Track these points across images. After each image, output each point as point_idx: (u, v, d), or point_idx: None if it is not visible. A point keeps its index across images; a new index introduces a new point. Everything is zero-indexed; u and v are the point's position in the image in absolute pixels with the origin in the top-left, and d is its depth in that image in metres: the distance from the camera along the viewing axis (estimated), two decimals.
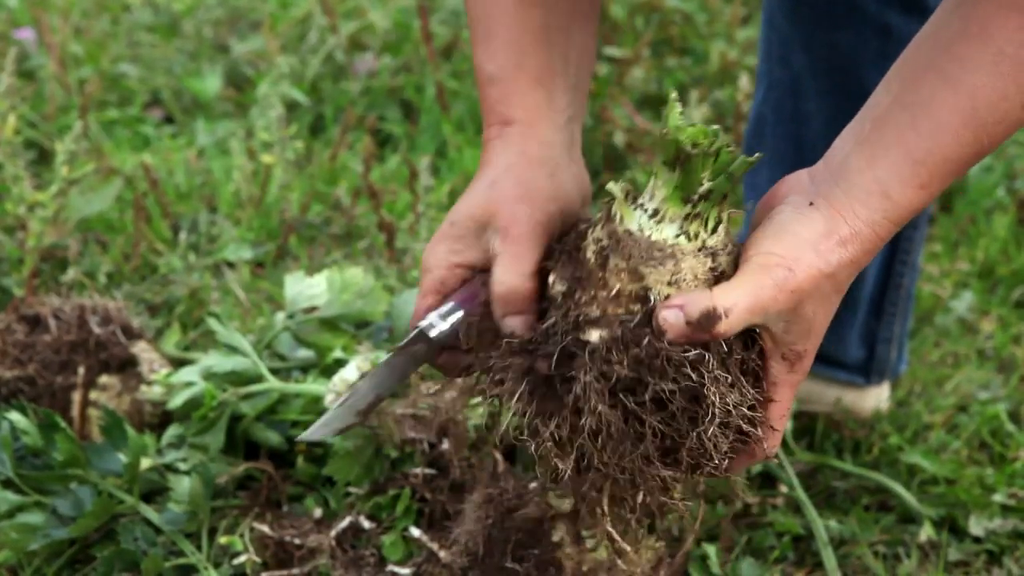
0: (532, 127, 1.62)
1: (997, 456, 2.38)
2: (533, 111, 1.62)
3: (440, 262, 1.58)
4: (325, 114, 3.69)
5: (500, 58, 1.63)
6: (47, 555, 1.99)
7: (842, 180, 1.43)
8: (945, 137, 1.38)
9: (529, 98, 1.62)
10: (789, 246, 1.42)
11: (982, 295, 2.97)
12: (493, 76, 1.63)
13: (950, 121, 1.38)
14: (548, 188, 1.58)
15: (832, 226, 1.42)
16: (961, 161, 1.40)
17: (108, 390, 2.21)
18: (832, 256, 1.41)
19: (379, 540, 1.96)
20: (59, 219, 2.79)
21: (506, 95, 1.62)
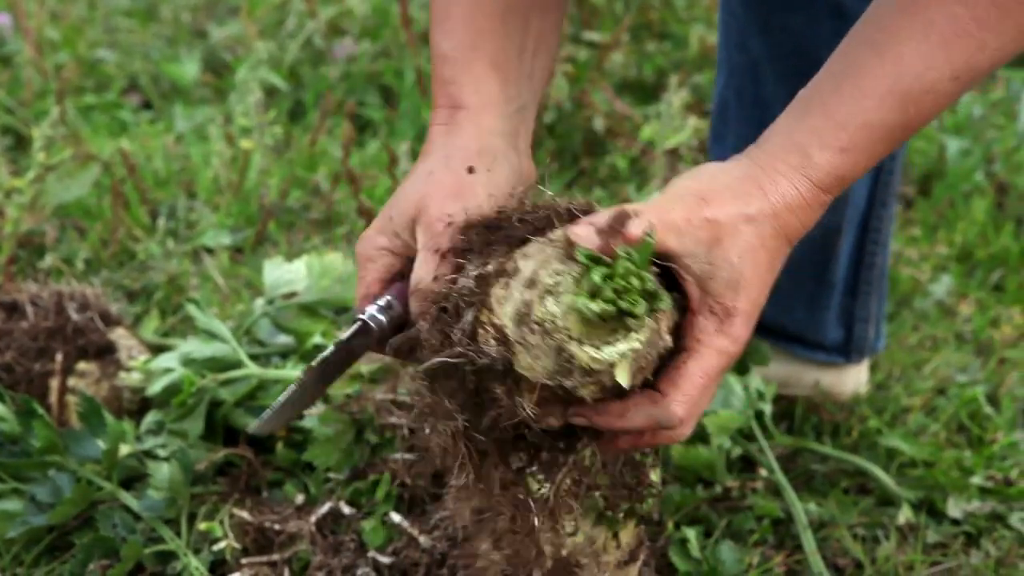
0: (479, 114, 1.61)
1: (975, 439, 2.39)
2: (483, 96, 1.62)
3: (381, 253, 1.58)
4: (304, 99, 3.68)
5: (456, 38, 1.62)
6: (25, 542, 1.98)
7: (763, 142, 1.45)
8: (868, 102, 1.39)
9: (481, 83, 1.62)
10: (704, 182, 1.43)
11: (960, 278, 2.98)
12: (447, 55, 1.62)
13: (874, 87, 1.39)
14: (482, 183, 1.56)
15: (750, 172, 1.43)
16: (886, 128, 1.40)
17: (86, 377, 2.20)
18: (751, 199, 1.41)
19: (359, 526, 1.96)
20: (36, 205, 2.78)
21: (458, 76, 1.62)
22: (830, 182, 1.42)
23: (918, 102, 1.39)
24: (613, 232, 1.37)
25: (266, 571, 1.92)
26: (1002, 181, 3.33)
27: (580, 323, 1.36)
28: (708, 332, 1.42)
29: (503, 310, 1.38)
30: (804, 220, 1.43)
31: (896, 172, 2.28)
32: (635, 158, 3.34)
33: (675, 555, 1.97)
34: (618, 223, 1.37)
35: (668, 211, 1.39)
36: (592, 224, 1.38)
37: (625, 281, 1.34)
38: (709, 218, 1.39)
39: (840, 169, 1.41)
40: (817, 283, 2.32)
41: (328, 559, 1.90)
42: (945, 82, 1.38)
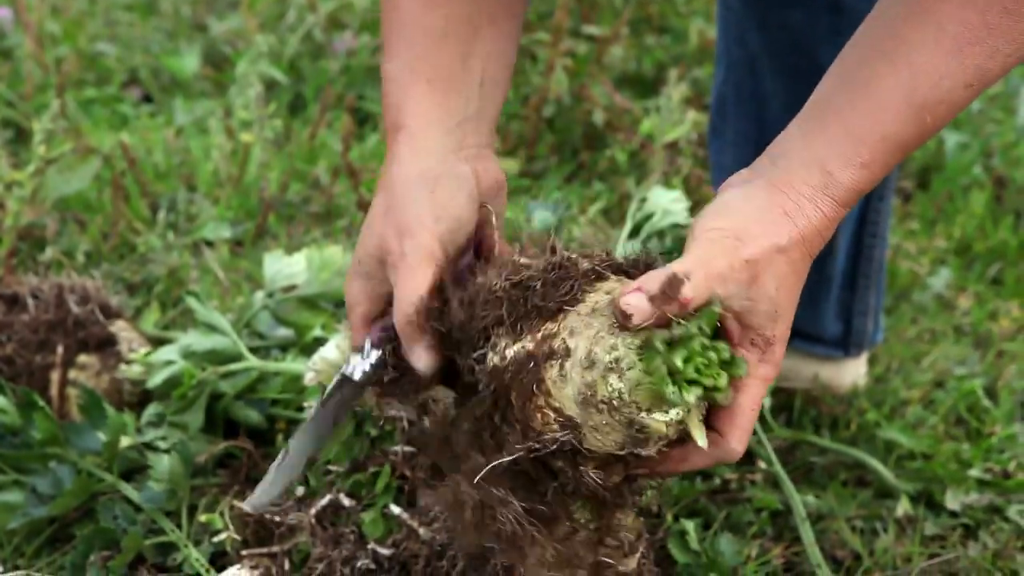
0: (416, 136, 1.61)
1: (973, 431, 2.40)
2: (421, 117, 1.61)
3: (360, 298, 1.61)
4: (304, 93, 3.68)
5: (397, 59, 1.63)
6: (26, 533, 1.99)
7: (781, 159, 1.44)
8: (885, 115, 1.39)
9: (419, 102, 1.61)
10: (734, 220, 1.41)
11: (959, 272, 2.98)
12: (389, 76, 1.63)
13: (890, 99, 1.38)
14: (428, 211, 1.57)
15: (774, 199, 1.42)
16: (903, 140, 1.40)
17: (87, 369, 2.21)
18: (780, 228, 1.40)
19: (359, 517, 1.96)
20: (37, 198, 2.78)
21: (399, 98, 1.62)
22: (850, 198, 1.42)
23: (933, 111, 1.38)
24: (667, 299, 1.35)
25: (266, 563, 1.92)
26: (1000, 175, 3.33)
27: (649, 396, 1.35)
28: (752, 365, 1.42)
29: (563, 393, 1.38)
30: (827, 235, 1.43)
31: None
32: (634, 152, 3.35)
33: (674, 547, 1.97)
34: (671, 290, 1.35)
35: (711, 262, 1.38)
36: (642, 291, 1.36)
37: (704, 357, 1.35)
38: (748, 260, 1.39)
39: (860, 184, 1.41)
40: (815, 277, 2.32)
41: (328, 551, 1.90)
42: (959, 90, 1.37)
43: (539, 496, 1.48)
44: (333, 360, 1.91)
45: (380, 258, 1.57)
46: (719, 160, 2.33)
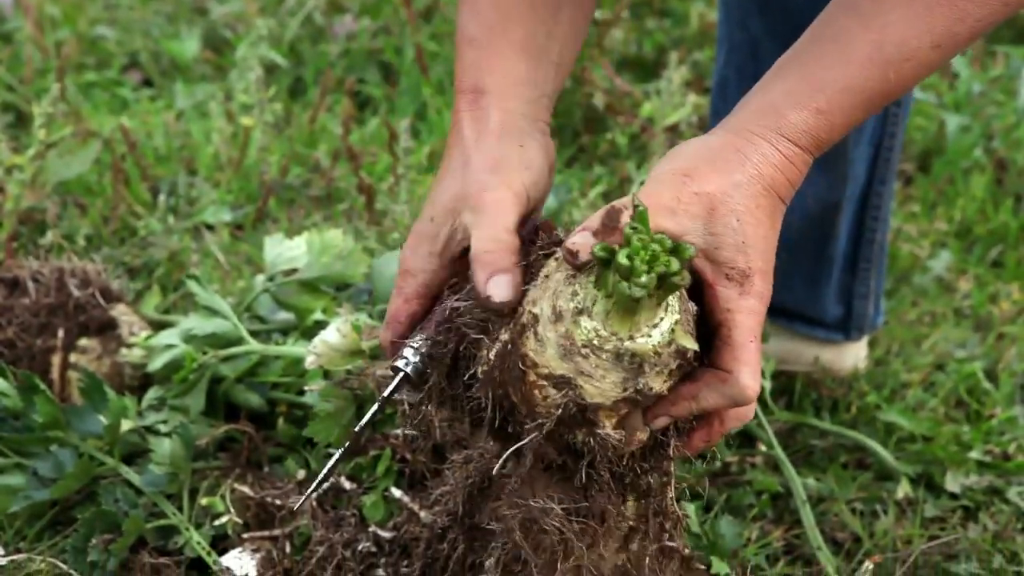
0: (503, 99, 1.58)
1: (973, 414, 2.40)
2: (508, 81, 1.59)
3: (423, 264, 1.52)
4: (304, 76, 3.68)
5: (483, 20, 1.60)
6: (28, 516, 1.99)
7: (739, 110, 1.45)
8: (848, 67, 1.40)
9: (507, 67, 1.59)
10: (684, 161, 1.42)
11: (959, 254, 2.98)
12: (475, 37, 1.60)
13: (855, 52, 1.39)
14: (518, 158, 1.54)
15: (726, 140, 1.42)
16: (865, 94, 1.40)
17: (88, 353, 2.21)
18: (731, 164, 1.40)
19: (360, 501, 1.97)
20: (37, 182, 2.78)
21: (484, 59, 1.59)
22: (807, 141, 1.41)
23: (899, 69, 1.39)
24: (608, 230, 1.36)
25: (267, 546, 1.93)
26: (1001, 157, 3.33)
27: (622, 320, 1.35)
28: (734, 299, 1.41)
29: (546, 356, 1.37)
30: (791, 177, 1.42)
31: (896, 149, 2.28)
32: (635, 135, 3.34)
33: None
34: (611, 220, 1.36)
35: (655, 195, 1.38)
36: (586, 229, 1.37)
37: (648, 251, 1.33)
38: (697, 192, 1.38)
39: (816, 130, 1.41)
40: (816, 260, 2.33)
41: (329, 534, 1.91)
42: (926, 50, 1.38)
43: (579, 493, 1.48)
44: (334, 343, 1.92)
45: (456, 207, 1.50)
46: None
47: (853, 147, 2.21)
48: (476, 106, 1.58)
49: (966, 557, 2.03)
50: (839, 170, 2.22)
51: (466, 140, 1.56)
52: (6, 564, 1.92)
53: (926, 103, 3.50)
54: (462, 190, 1.51)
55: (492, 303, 1.42)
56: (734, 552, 1.97)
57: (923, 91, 3.52)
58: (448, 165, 1.56)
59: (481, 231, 1.47)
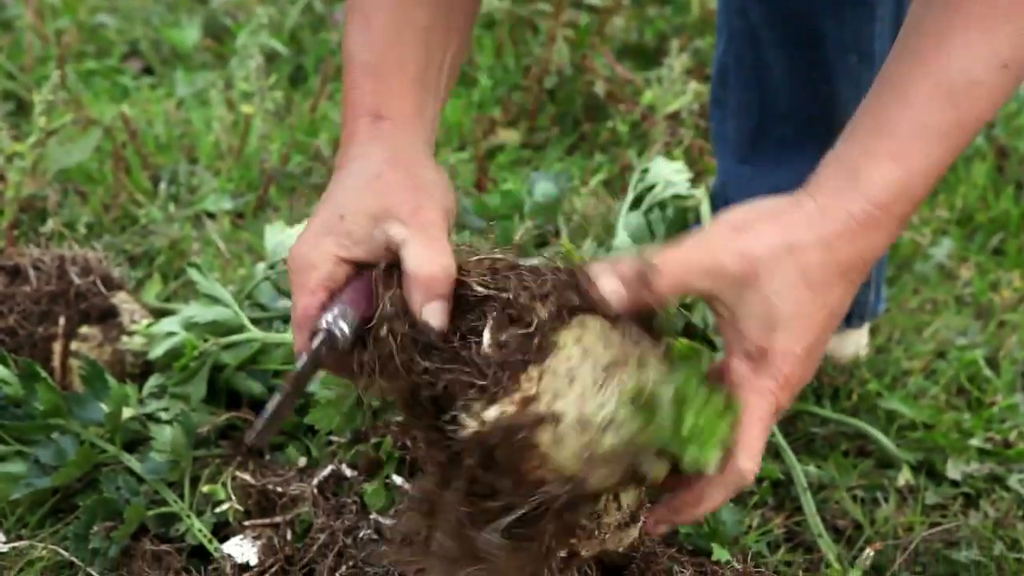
0: (406, 126, 1.54)
1: (974, 401, 2.40)
2: (408, 111, 1.54)
3: (327, 257, 1.46)
4: (305, 64, 3.67)
5: (379, 49, 1.55)
6: (29, 504, 1.99)
7: (815, 174, 1.38)
8: (915, 103, 1.33)
9: (407, 99, 1.54)
10: (743, 213, 1.36)
11: (961, 242, 2.98)
12: (370, 66, 1.55)
13: (919, 88, 1.33)
14: (437, 184, 1.50)
15: (796, 199, 1.35)
16: (939, 129, 1.33)
17: (89, 340, 2.21)
18: (793, 225, 1.33)
19: (361, 488, 1.97)
20: (38, 170, 2.78)
21: (383, 90, 1.54)
22: (886, 197, 1.33)
23: (969, 95, 1.32)
24: (638, 286, 1.32)
25: (269, 533, 1.93)
26: (1003, 145, 3.32)
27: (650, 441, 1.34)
28: (743, 375, 1.36)
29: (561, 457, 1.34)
30: (861, 248, 1.34)
31: None
32: (636, 122, 3.34)
33: None
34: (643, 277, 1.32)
35: (694, 254, 1.33)
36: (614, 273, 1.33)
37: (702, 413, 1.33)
38: (743, 251, 1.32)
39: (895, 181, 1.33)
40: None
41: (330, 521, 1.91)
42: (994, 72, 1.32)
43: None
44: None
45: (378, 215, 1.45)
46: (721, 130, 2.32)
47: None
48: (377, 129, 1.53)
49: (967, 544, 2.03)
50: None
51: (373, 157, 1.50)
52: (7, 551, 1.92)
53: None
54: (385, 201, 1.45)
55: (427, 328, 1.39)
56: (735, 539, 1.97)
57: None
58: (349, 175, 1.51)
59: (421, 251, 1.41)
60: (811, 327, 1.35)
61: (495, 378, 1.35)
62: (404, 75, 1.55)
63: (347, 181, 1.50)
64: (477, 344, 1.37)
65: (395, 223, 1.44)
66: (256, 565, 1.88)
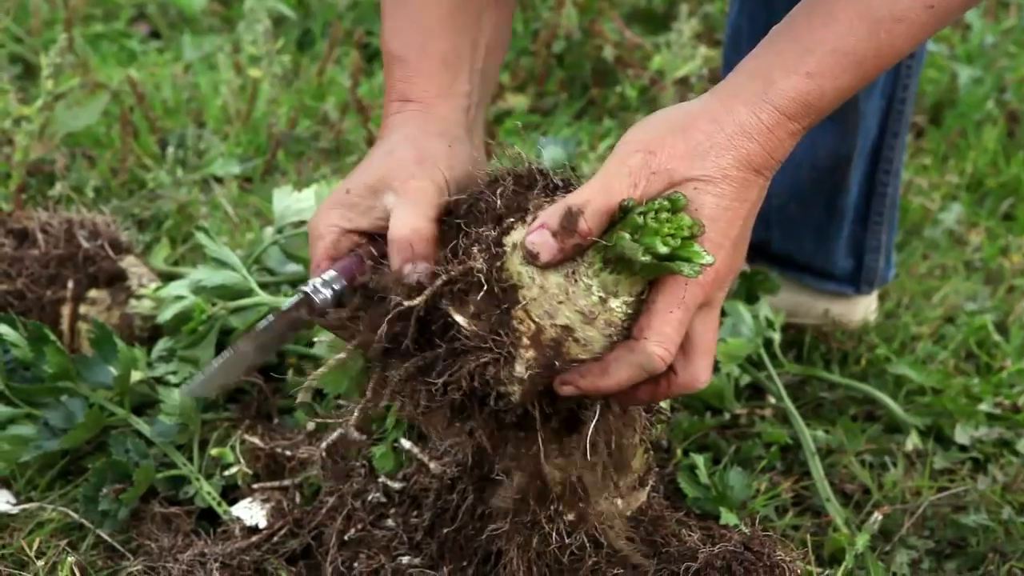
0: (431, 106, 1.60)
1: (983, 366, 2.40)
2: (432, 93, 1.60)
3: (332, 228, 1.55)
4: (313, 28, 3.66)
5: (406, 38, 1.61)
6: (39, 466, 2.00)
7: (730, 76, 1.42)
8: (838, 27, 1.36)
9: (432, 81, 1.60)
10: (652, 131, 1.39)
11: (971, 207, 2.97)
12: (397, 55, 1.61)
13: (845, 12, 1.36)
14: (445, 155, 1.55)
15: (706, 107, 1.39)
16: (856, 55, 1.37)
17: (97, 304, 2.21)
18: (700, 135, 1.37)
19: (370, 452, 1.97)
20: (45, 133, 2.77)
21: (409, 76, 1.60)
22: (795, 108, 1.37)
23: (890, 30, 1.36)
24: (567, 233, 1.35)
25: (277, 496, 1.94)
26: (1013, 110, 3.31)
27: (631, 282, 1.39)
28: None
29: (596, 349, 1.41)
30: (770, 147, 1.38)
31: (908, 102, 2.27)
32: (645, 87, 3.33)
33: (684, 481, 1.98)
34: (570, 223, 1.35)
35: (612, 186, 1.36)
36: (544, 228, 1.37)
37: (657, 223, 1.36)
38: (656, 171, 1.36)
39: (806, 95, 1.37)
40: (827, 212, 2.32)
41: (339, 485, 1.91)
42: (918, 10, 1.35)
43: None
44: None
45: (377, 187, 1.53)
46: None
47: (864, 100, 2.20)
48: (403, 113, 1.60)
49: (975, 509, 2.03)
50: (850, 123, 2.21)
51: (392, 135, 1.58)
52: (17, 513, 1.93)
53: (938, 55, 3.48)
54: (386, 174, 1.53)
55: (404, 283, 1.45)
56: (743, 503, 1.97)
57: (935, 43, 3.50)
58: (370, 155, 1.59)
59: (401, 215, 1.49)
60: (733, 219, 1.39)
61: (497, 343, 1.39)
62: (429, 60, 1.60)
63: (366, 160, 1.58)
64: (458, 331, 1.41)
65: (389, 193, 1.51)
66: (265, 528, 1.88)
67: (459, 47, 1.62)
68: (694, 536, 1.76)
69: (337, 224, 1.54)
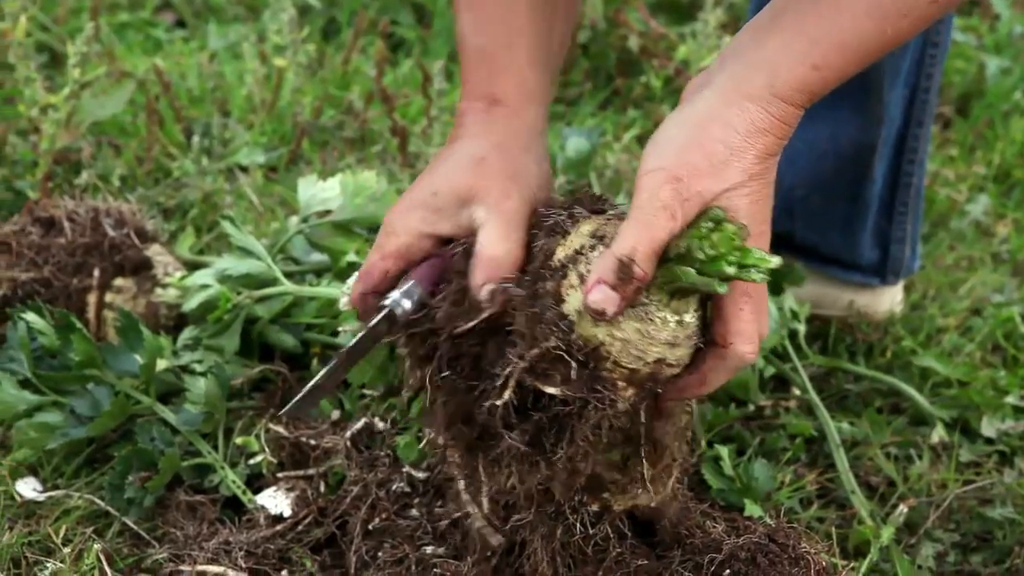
0: (520, 111, 1.60)
1: (1010, 358, 2.39)
2: (523, 95, 1.60)
3: (410, 229, 1.55)
4: (338, 18, 3.66)
5: (491, 33, 1.61)
6: (65, 454, 2.01)
7: (729, 64, 1.43)
8: (845, 21, 1.37)
9: (520, 81, 1.60)
10: (673, 154, 1.40)
11: (998, 199, 2.96)
12: (482, 50, 1.61)
13: (851, 6, 1.36)
14: (536, 175, 1.57)
15: (714, 110, 1.41)
16: (861, 49, 1.38)
17: (123, 292, 2.22)
18: (717, 143, 1.39)
19: (393, 441, 1.97)
20: (72, 122, 2.78)
21: (496, 74, 1.60)
22: (802, 98, 1.40)
23: (896, 25, 1.37)
24: (626, 283, 1.38)
25: (302, 485, 1.94)
26: None
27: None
28: None
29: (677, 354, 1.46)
30: (781, 135, 1.41)
31: (933, 91, 2.25)
32: (670, 78, 3.32)
33: (708, 472, 1.98)
34: (626, 274, 1.38)
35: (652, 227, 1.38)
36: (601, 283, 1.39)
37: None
38: (688, 198, 1.38)
39: (810, 86, 1.39)
40: (852, 203, 2.31)
41: (363, 474, 1.91)
42: (924, 5, 1.36)
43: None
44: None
45: (466, 197, 1.53)
46: None
47: (888, 89, 2.19)
48: (491, 113, 1.60)
49: (1001, 502, 2.02)
50: (874, 112, 2.19)
51: (480, 139, 1.57)
52: (44, 500, 1.94)
53: (965, 45, 3.46)
54: (478, 184, 1.53)
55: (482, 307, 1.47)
56: (767, 495, 1.97)
57: (963, 33, 3.48)
58: (455, 152, 1.58)
59: (493, 233, 1.50)
60: (762, 209, 1.43)
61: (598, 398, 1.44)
62: (517, 58, 1.60)
63: (450, 160, 1.57)
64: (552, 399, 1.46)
65: (480, 206, 1.52)
66: (289, 516, 1.89)
67: (540, 47, 1.62)
68: (718, 527, 1.75)
69: (417, 228, 1.55)
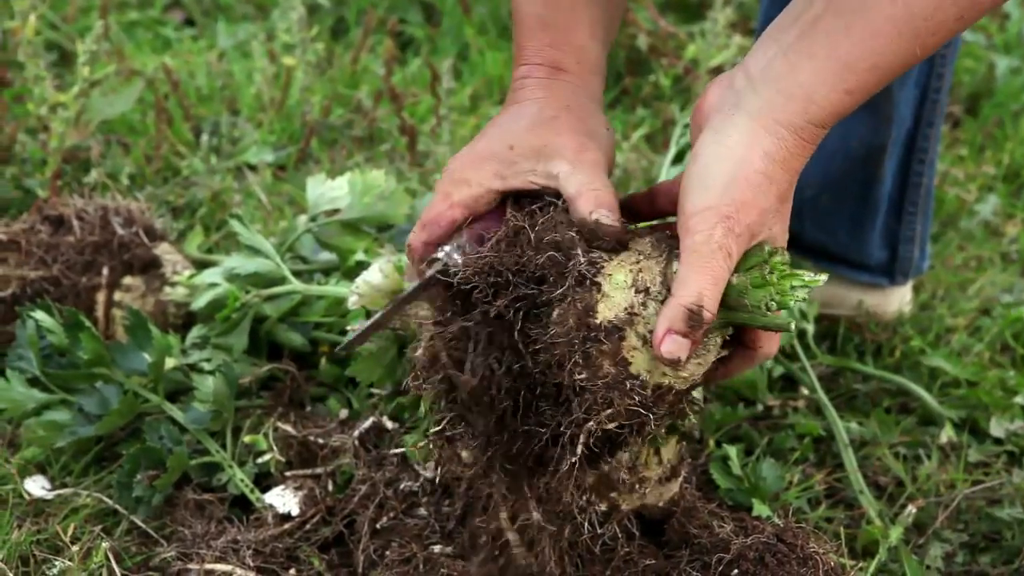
0: (584, 80, 1.62)
1: (1020, 359, 2.38)
2: (586, 65, 1.62)
3: (483, 180, 1.55)
4: (346, 16, 3.66)
5: (551, 2, 1.61)
6: (74, 452, 2.01)
7: (762, 87, 1.42)
8: (878, 44, 1.36)
9: (582, 51, 1.62)
10: (714, 189, 1.41)
11: (1007, 199, 2.95)
12: (544, 19, 1.61)
13: (885, 29, 1.36)
14: (605, 138, 1.59)
15: (753, 140, 1.41)
16: (891, 69, 1.38)
17: (132, 291, 2.22)
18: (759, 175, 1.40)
19: (402, 440, 1.97)
20: (81, 121, 2.78)
21: (559, 43, 1.61)
22: (832, 121, 1.41)
23: (924, 44, 1.36)
24: (696, 329, 1.40)
25: (310, 484, 1.94)
26: None
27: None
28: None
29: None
30: (807, 155, 1.43)
31: (943, 91, 2.25)
32: (679, 76, 3.32)
33: (716, 472, 1.97)
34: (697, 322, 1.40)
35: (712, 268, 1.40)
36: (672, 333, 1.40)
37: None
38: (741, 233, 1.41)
39: (840, 109, 1.40)
40: (862, 203, 2.31)
41: (371, 473, 1.92)
42: (951, 23, 1.36)
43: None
44: (376, 284, 1.91)
45: (543, 151, 1.53)
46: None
47: (899, 89, 2.18)
48: (556, 78, 1.61)
49: (1010, 502, 2.02)
50: (884, 112, 2.19)
51: (551, 102, 1.58)
52: (52, 498, 1.94)
53: (975, 45, 3.46)
54: (555, 139, 1.54)
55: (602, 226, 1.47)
56: (775, 495, 1.97)
57: (972, 33, 3.47)
58: (523, 111, 1.59)
59: (582, 176, 1.51)
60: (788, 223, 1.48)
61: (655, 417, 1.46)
62: (579, 29, 1.62)
63: (521, 119, 1.58)
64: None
65: (560, 160, 1.52)
66: (297, 515, 1.89)
67: (600, 18, 1.63)
68: (726, 527, 1.75)
69: (489, 179, 1.55)
